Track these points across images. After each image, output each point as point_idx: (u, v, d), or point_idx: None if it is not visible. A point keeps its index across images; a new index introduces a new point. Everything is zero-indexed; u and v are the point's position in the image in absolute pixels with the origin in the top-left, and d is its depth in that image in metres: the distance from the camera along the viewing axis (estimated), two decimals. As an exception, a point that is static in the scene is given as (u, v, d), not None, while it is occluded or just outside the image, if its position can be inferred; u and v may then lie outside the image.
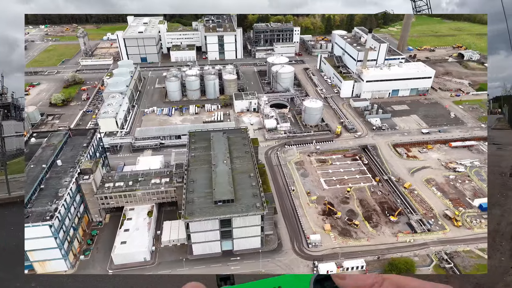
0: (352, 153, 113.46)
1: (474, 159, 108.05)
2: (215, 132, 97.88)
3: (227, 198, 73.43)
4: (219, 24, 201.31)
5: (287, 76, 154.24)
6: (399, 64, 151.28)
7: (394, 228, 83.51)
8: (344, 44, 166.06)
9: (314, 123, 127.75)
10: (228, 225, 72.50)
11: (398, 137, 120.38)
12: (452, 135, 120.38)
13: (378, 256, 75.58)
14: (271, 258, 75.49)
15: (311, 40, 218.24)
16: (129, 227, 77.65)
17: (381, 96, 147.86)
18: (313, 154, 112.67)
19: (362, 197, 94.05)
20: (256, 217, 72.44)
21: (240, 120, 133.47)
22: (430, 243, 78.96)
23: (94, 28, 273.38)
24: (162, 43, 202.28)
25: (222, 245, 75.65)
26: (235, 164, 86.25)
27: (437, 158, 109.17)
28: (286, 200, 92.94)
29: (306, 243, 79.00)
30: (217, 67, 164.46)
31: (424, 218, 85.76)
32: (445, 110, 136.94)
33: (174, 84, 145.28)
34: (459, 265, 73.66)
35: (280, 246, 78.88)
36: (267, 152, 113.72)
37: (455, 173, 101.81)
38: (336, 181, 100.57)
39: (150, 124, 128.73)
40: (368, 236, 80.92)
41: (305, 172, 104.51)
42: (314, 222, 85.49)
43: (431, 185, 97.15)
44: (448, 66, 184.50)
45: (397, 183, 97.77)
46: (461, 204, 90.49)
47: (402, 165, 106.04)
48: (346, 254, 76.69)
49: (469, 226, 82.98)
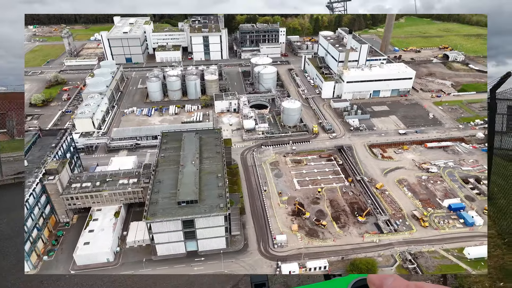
0: (327, 153, 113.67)
1: (449, 160, 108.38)
2: (188, 133, 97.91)
3: (191, 198, 73.44)
4: (205, 25, 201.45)
5: (269, 77, 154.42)
6: (380, 65, 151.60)
7: (361, 229, 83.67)
8: (327, 45, 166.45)
9: (293, 124, 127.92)
10: (192, 226, 72.47)
11: (375, 137, 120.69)
12: (428, 135, 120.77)
13: (342, 257, 75.71)
14: (236, 258, 75.46)
15: (298, 41, 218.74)
16: (94, 227, 77.49)
17: (362, 97, 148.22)
18: (289, 155, 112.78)
19: (333, 197, 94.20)
20: (219, 218, 72.46)
21: (219, 120, 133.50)
22: (395, 244, 79.15)
23: (82, 29, 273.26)
24: (148, 43, 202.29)
25: (187, 245, 75.59)
26: (204, 165, 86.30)
27: (411, 158, 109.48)
28: (258, 201, 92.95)
29: (273, 244, 79.06)
30: (200, 67, 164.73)
31: (392, 219, 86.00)
32: (424, 111, 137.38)
33: (155, 84, 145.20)
34: (422, 265, 73.89)
35: (246, 246, 78.88)
36: (243, 152, 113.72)
37: (428, 173, 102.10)
38: (309, 181, 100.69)
39: (128, 125, 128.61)
40: (335, 237, 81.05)
41: (279, 172, 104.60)
42: (282, 222, 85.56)
43: (402, 186, 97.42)
44: (432, 67, 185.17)
45: (369, 184, 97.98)
46: (430, 204, 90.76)
47: (376, 166, 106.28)
48: (311, 254, 76.77)
49: (436, 226, 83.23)
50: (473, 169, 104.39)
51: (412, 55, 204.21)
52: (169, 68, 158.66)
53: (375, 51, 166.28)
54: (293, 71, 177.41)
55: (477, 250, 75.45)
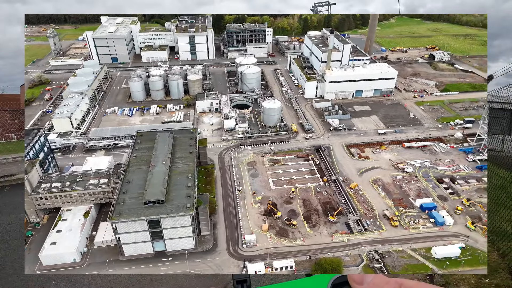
0: (305, 153, 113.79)
1: (425, 160, 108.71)
2: (162, 133, 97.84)
3: (158, 199, 73.43)
4: (191, 25, 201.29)
5: (252, 77, 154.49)
6: (363, 65, 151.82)
7: (332, 228, 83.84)
8: (311, 45, 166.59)
9: (273, 124, 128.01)
10: (158, 226, 72.43)
11: (354, 137, 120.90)
12: (407, 135, 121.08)
13: (310, 256, 75.84)
14: (204, 258, 75.48)
15: (286, 41, 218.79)
16: (62, 228, 77.34)
17: (345, 97, 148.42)
18: (267, 155, 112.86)
19: (306, 197, 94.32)
20: (185, 218, 72.45)
21: (200, 120, 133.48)
22: (364, 243, 79.34)
23: (72, 28, 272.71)
24: (134, 43, 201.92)
25: (154, 246, 75.56)
26: (176, 165, 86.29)
27: (388, 158, 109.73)
28: (231, 201, 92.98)
29: (242, 244, 79.09)
30: (185, 67, 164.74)
31: (364, 218, 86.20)
32: (405, 111, 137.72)
33: (137, 84, 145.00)
34: (388, 265, 74.12)
35: (215, 246, 78.93)
36: (222, 152, 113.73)
37: (403, 173, 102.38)
38: (285, 181, 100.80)
39: (109, 125, 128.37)
40: (304, 236, 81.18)
41: (255, 172, 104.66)
42: (254, 222, 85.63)
43: (377, 186, 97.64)
44: (418, 67, 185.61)
45: (344, 184, 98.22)
46: (403, 204, 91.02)
47: (352, 166, 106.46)
48: (280, 254, 76.89)
49: (406, 226, 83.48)
50: (448, 169, 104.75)
51: (399, 55, 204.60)
52: (154, 68, 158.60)
53: (358, 51, 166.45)
54: (278, 71, 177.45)
55: (444, 250, 75.78)
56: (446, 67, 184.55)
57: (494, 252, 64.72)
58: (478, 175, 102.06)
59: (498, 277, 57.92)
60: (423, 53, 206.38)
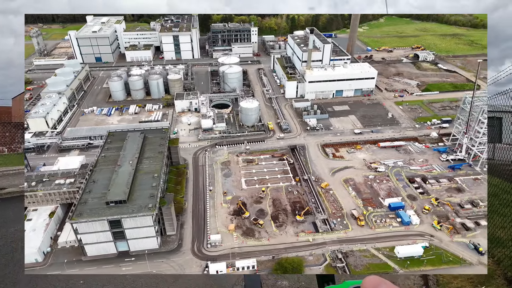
0: (280, 153, 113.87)
1: (399, 159, 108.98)
2: (132, 133, 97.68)
3: (120, 199, 73.30)
4: (176, 24, 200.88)
5: (233, 76, 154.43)
6: (344, 65, 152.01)
7: (298, 228, 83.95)
8: (293, 45, 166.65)
9: (251, 123, 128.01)
10: (119, 226, 72.29)
11: (330, 137, 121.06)
12: (383, 135, 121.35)
13: (273, 256, 75.92)
14: (167, 258, 75.43)
15: (271, 41, 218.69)
16: (26, 228, 77.06)
17: (325, 97, 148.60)
18: (242, 154, 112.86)
19: (276, 196, 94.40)
20: (147, 218, 72.34)
21: (179, 120, 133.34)
22: (329, 243, 79.49)
23: (59, 28, 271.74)
24: (119, 42, 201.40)
25: (118, 246, 75.42)
26: (143, 165, 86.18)
27: (363, 158, 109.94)
28: (201, 201, 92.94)
29: (206, 244, 79.10)
30: (167, 67, 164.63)
31: (331, 218, 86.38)
32: (384, 111, 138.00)
33: (117, 84, 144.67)
34: (351, 264, 74.31)
35: (180, 246, 78.88)
36: (197, 152, 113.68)
37: (375, 173, 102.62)
38: (257, 181, 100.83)
39: (86, 124, 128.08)
40: (270, 236, 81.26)
41: (228, 172, 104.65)
42: (222, 222, 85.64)
43: (348, 185, 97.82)
44: (401, 66, 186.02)
45: (315, 183, 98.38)
46: (372, 204, 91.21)
47: (325, 165, 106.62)
48: (244, 254, 76.93)
49: (372, 225, 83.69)
50: (421, 168, 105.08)
51: (384, 54, 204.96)
52: (135, 68, 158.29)
53: (340, 51, 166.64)
54: (262, 71, 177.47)
55: (407, 249, 76.01)
56: (429, 67, 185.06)
57: (490, 259, 64.86)
58: (450, 174, 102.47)
59: (494, 283, 58.16)
60: (408, 53, 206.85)
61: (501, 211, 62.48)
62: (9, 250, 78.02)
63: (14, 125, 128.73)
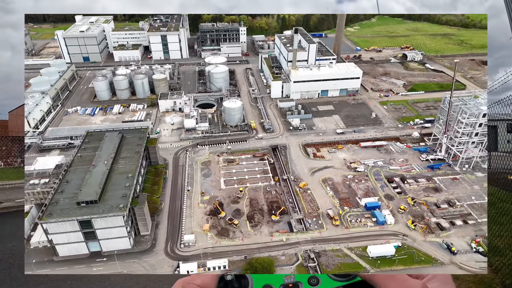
0: (261, 153, 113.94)
1: (379, 159, 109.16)
2: (110, 132, 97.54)
3: (91, 199, 73.20)
4: (164, 24, 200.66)
5: (219, 76, 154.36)
6: (329, 65, 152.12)
7: (273, 228, 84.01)
8: (280, 44, 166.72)
9: (234, 123, 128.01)
10: (90, 226, 72.18)
11: (312, 137, 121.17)
12: (365, 135, 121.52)
13: (245, 256, 75.96)
14: (139, 258, 75.40)
15: (261, 41, 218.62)
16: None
17: (311, 97, 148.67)
18: (223, 154, 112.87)
19: (254, 196, 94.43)
20: (118, 218, 72.26)
21: (162, 120, 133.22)
22: (302, 242, 79.57)
23: (50, 27, 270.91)
24: (108, 42, 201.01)
25: (89, 246, 75.32)
26: (119, 165, 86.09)
27: (343, 158, 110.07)
28: (178, 201, 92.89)
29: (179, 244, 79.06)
30: (154, 66, 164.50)
31: (307, 218, 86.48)
32: (368, 111, 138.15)
33: (101, 83, 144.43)
34: (322, 263, 74.44)
35: (153, 246, 78.83)
36: (178, 152, 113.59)
37: (354, 173, 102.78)
38: (236, 181, 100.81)
39: (69, 124, 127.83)
40: (244, 236, 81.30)
41: (208, 172, 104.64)
42: (197, 222, 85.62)
43: (326, 185, 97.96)
44: (389, 66, 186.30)
45: (294, 183, 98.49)
46: (349, 204, 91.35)
47: (305, 165, 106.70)
48: (217, 254, 76.94)
49: (346, 225, 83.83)
50: (400, 168, 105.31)
51: (373, 54, 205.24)
52: (122, 67, 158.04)
53: (326, 51, 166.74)
54: (249, 71, 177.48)
55: (379, 249, 76.20)
56: (416, 67, 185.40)
57: (488, 268, 64.75)
58: (428, 174, 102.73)
59: None
60: (397, 53, 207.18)
61: (498, 220, 62.86)
62: (6, 266, 77.10)
63: (11, 139, 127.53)
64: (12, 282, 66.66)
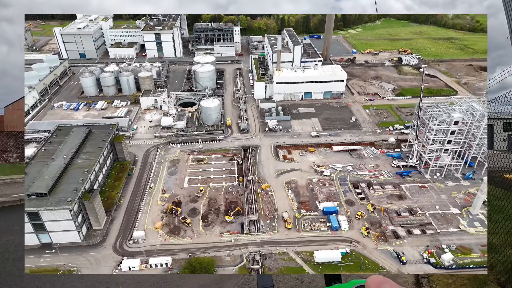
0: (232, 153, 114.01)
1: (349, 164, 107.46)
2: (78, 128, 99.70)
3: (41, 191, 75.10)
4: (160, 23, 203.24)
5: (205, 76, 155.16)
6: (315, 67, 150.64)
7: (225, 228, 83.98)
8: (267, 45, 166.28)
9: (211, 123, 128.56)
10: (38, 218, 74.07)
11: (286, 139, 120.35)
12: (339, 139, 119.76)
13: (190, 255, 76.24)
14: (86, 252, 76.85)
15: (256, 41, 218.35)
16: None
17: (294, 98, 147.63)
18: (194, 153, 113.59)
19: (214, 196, 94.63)
20: (65, 212, 73.88)
21: (142, 117, 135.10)
22: (251, 244, 79.24)
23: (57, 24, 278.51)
24: (105, 40, 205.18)
25: (40, 237, 77.34)
26: (79, 159, 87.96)
27: (313, 161, 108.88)
28: (139, 197, 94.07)
29: (128, 240, 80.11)
30: (144, 64, 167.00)
31: (262, 219, 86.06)
32: (349, 114, 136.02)
33: (88, 79, 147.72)
34: (266, 266, 73.92)
35: (103, 241, 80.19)
36: (150, 149, 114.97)
37: (320, 176, 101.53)
38: (200, 180, 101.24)
39: (52, 118, 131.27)
40: (195, 235, 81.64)
41: (175, 170, 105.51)
42: (152, 219, 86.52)
43: (289, 187, 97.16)
44: (382, 70, 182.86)
45: (258, 184, 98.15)
46: (307, 207, 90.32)
47: (273, 167, 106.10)
48: (163, 251, 77.58)
49: (299, 229, 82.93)
50: (369, 173, 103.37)
51: (369, 57, 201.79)
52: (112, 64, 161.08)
53: (313, 53, 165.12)
54: (239, 70, 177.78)
55: (325, 254, 75.14)
56: (410, 71, 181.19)
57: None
58: (396, 181, 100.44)
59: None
60: (394, 56, 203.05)
61: (493, 217, 61.62)
62: (1, 260, 79.75)
63: (6, 134, 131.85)
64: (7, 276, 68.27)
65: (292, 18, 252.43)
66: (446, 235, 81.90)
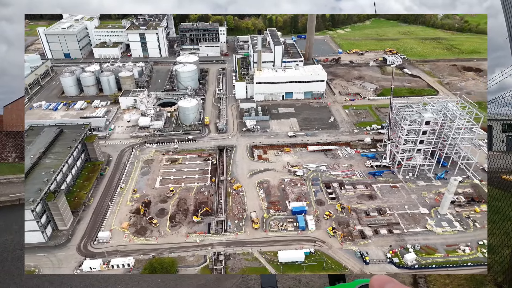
0: (207, 153, 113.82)
1: (323, 163, 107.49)
2: (48, 127, 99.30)
3: (3, 192, 74.73)
4: (145, 23, 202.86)
5: (186, 75, 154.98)
6: (296, 67, 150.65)
7: (192, 228, 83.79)
8: (250, 45, 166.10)
9: (189, 123, 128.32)
10: (0, 218, 73.63)
11: (263, 139, 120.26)
12: (315, 139, 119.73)
13: (153, 255, 76.03)
14: (49, 253, 76.53)
15: (244, 41, 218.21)
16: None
17: (275, 99, 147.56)
18: (169, 153, 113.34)
19: (184, 196, 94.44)
20: (26, 212, 73.49)
21: (121, 117, 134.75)
22: (216, 244, 79.14)
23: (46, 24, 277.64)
24: (90, 39, 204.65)
25: (3, 238, 76.82)
26: (46, 159, 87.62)
27: (287, 161, 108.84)
28: (109, 197, 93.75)
29: (93, 240, 79.83)
30: (127, 64, 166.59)
31: (231, 220, 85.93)
32: (328, 114, 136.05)
33: (68, 79, 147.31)
34: (228, 266, 73.80)
35: (67, 241, 79.87)
36: (124, 149, 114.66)
37: (292, 176, 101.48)
38: (172, 180, 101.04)
39: (30, 118, 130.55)
40: (160, 235, 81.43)
41: (147, 170, 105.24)
42: (119, 219, 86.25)
43: (260, 187, 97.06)
44: (366, 70, 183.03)
45: (230, 184, 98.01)
46: (277, 207, 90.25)
47: (247, 167, 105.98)
48: (128, 252, 77.32)
49: (265, 229, 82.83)
50: (341, 173, 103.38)
51: (354, 57, 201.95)
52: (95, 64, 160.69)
53: (295, 53, 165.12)
54: (222, 71, 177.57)
55: (288, 254, 75.06)
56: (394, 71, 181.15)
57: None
58: (368, 181, 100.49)
59: None
60: (379, 56, 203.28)
61: (491, 218, 61.83)
62: (1, 260, 79.12)
63: (5, 134, 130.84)
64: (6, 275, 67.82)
65: (280, 18, 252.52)
66: (412, 234, 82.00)
